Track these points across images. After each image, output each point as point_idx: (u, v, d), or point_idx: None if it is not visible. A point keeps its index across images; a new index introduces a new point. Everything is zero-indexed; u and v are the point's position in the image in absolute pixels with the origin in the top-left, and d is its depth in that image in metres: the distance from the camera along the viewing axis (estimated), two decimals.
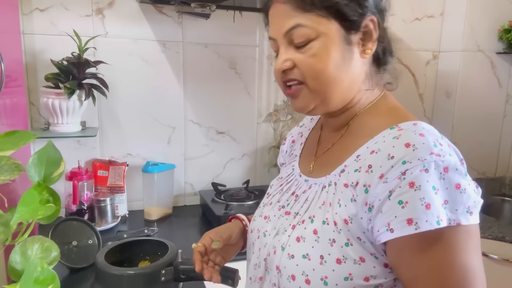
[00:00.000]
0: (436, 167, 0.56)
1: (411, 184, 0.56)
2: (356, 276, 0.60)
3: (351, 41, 0.65)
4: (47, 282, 0.62)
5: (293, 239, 0.66)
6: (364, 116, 0.71)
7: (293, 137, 0.91)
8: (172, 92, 1.71)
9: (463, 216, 0.56)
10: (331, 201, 0.65)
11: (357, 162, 0.65)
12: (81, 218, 1.28)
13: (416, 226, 0.55)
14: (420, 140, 0.59)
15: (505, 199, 2.08)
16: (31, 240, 0.67)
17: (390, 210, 0.57)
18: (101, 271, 0.95)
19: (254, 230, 0.78)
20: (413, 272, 0.58)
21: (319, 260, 0.62)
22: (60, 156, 0.75)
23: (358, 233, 0.61)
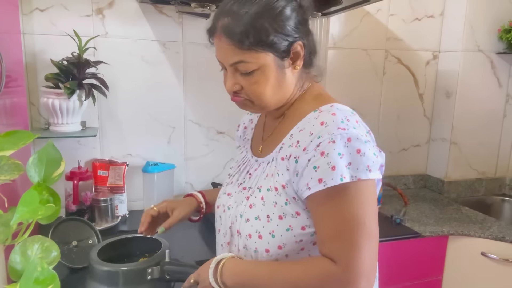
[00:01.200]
0: (341, 138, 0.73)
1: (322, 153, 0.73)
2: (295, 226, 0.79)
3: (283, 66, 0.81)
4: (47, 282, 0.62)
5: (247, 207, 0.84)
6: (295, 104, 0.88)
7: (245, 124, 1.08)
8: (172, 92, 1.71)
9: (363, 173, 0.72)
10: (273, 172, 0.83)
11: (290, 139, 0.82)
12: (81, 218, 1.28)
13: (324, 183, 0.72)
14: (331, 118, 0.76)
15: (505, 199, 2.08)
16: (31, 240, 0.67)
17: (308, 174, 0.74)
18: (92, 266, 0.96)
19: (220, 206, 0.94)
20: (318, 220, 0.76)
21: (266, 219, 0.80)
22: (60, 156, 0.75)
23: (292, 194, 0.78)
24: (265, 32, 0.76)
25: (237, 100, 0.86)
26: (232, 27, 0.77)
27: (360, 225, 0.72)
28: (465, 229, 1.59)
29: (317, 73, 0.91)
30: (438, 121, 2.11)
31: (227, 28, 0.77)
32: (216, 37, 0.80)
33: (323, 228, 0.75)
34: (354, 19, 1.91)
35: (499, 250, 1.53)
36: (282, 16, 0.78)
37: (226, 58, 0.81)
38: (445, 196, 2.03)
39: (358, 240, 0.71)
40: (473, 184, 2.09)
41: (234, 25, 0.77)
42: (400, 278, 1.59)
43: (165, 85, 1.70)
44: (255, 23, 0.76)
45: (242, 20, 0.76)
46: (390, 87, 2.04)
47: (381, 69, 2.01)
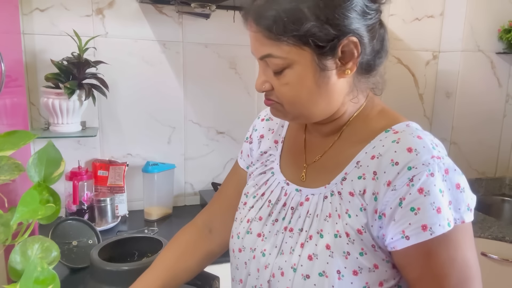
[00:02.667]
0: (439, 170, 0.58)
1: (420, 190, 0.57)
2: (372, 283, 0.62)
3: (326, 67, 0.62)
4: (47, 282, 0.62)
5: (305, 258, 0.64)
6: (355, 122, 0.70)
7: (260, 133, 0.84)
8: (172, 92, 1.71)
9: (465, 214, 0.60)
10: (339, 212, 0.64)
11: (358, 169, 0.64)
12: (81, 218, 1.28)
13: (431, 231, 0.57)
14: (420, 143, 0.60)
15: (505, 199, 2.08)
16: (31, 240, 0.67)
17: (404, 217, 0.58)
18: (93, 266, 0.96)
19: (245, 249, 0.73)
20: (420, 271, 0.60)
21: (336, 276, 0.61)
22: (60, 156, 0.75)
23: (371, 242, 0.62)
24: (301, 19, 0.59)
25: (268, 104, 0.69)
26: (263, 10, 0.61)
27: (473, 275, 0.60)
28: None
29: (376, 83, 0.72)
30: (438, 121, 2.11)
31: (258, 12, 0.62)
32: (248, 22, 0.65)
33: (432, 284, 0.60)
34: None
35: (499, 250, 1.52)
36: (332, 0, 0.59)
37: (255, 50, 0.66)
38: None
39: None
40: (473, 184, 2.09)
41: (267, 8, 0.61)
42: None
43: (165, 85, 1.70)
44: (291, 7, 0.59)
45: (277, 2, 0.60)
46: (390, 87, 2.03)
47: None
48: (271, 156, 0.79)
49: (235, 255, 0.75)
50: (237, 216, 0.79)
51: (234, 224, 0.79)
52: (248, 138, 0.87)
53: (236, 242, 0.75)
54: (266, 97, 0.69)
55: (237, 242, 0.75)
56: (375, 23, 0.65)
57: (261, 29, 0.62)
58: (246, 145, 0.87)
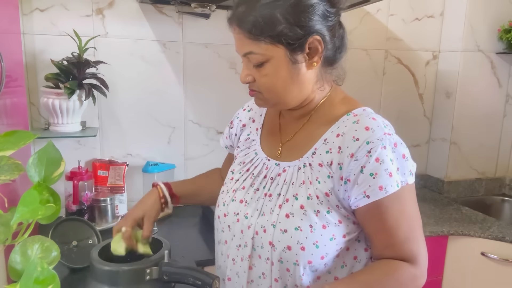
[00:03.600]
0: (389, 143, 0.74)
1: (377, 160, 0.73)
2: (337, 235, 0.77)
3: (296, 60, 0.76)
4: (47, 282, 0.62)
5: (283, 216, 0.78)
6: (322, 108, 0.84)
7: (242, 121, 1.00)
8: (172, 92, 1.71)
9: (409, 178, 0.76)
10: (310, 179, 0.79)
11: (325, 144, 0.79)
12: (81, 218, 1.28)
13: (385, 190, 0.73)
14: (374, 123, 0.76)
15: (505, 199, 2.08)
16: (31, 240, 0.67)
17: (364, 181, 0.73)
18: (93, 266, 0.96)
19: (229, 214, 0.86)
20: (375, 227, 0.76)
21: (309, 229, 0.76)
22: (60, 156, 0.75)
23: (336, 202, 0.77)
24: (274, 23, 0.73)
25: (251, 94, 0.84)
26: (244, 16, 0.75)
27: (417, 222, 0.78)
28: (465, 229, 1.59)
29: (339, 76, 0.87)
30: (438, 121, 2.11)
31: (240, 17, 0.76)
32: (232, 26, 0.79)
33: (388, 233, 0.75)
34: (354, 19, 1.91)
35: (499, 250, 1.53)
36: (298, 6, 0.73)
37: (239, 48, 0.80)
38: (445, 196, 2.03)
39: (419, 236, 0.77)
40: (473, 184, 2.09)
41: (246, 14, 0.75)
42: None
43: (165, 85, 1.70)
44: (266, 13, 0.73)
45: (254, 9, 0.74)
46: (390, 87, 2.04)
47: (381, 69, 2.01)
48: (253, 141, 0.94)
49: (220, 220, 0.89)
50: (223, 189, 0.93)
51: (220, 195, 0.93)
52: (230, 123, 1.04)
53: (222, 209, 0.89)
54: (249, 88, 0.83)
55: (222, 209, 0.89)
56: (335, 24, 0.79)
57: (243, 31, 0.76)
58: (227, 129, 1.04)
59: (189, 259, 1.24)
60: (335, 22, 0.79)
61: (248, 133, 0.97)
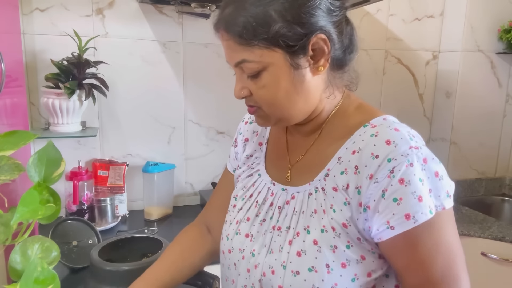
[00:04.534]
0: (417, 159, 0.60)
1: (401, 181, 0.59)
2: (361, 274, 0.63)
3: (299, 65, 0.64)
4: (47, 282, 0.62)
5: (293, 254, 0.65)
6: (334, 120, 0.71)
7: (245, 136, 0.86)
8: (172, 92, 1.71)
9: (445, 201, 0.61)
10: (324, 208, 0.65)
11: (340, 164, 0.66)
12: (81, 218, 1.28)
13: (414, 219, 0.58)
14: (397, 135, 0.62)
15: (505, 199, 2.08)
16: (31, 240, 0.67)
17: (387, 208, 0.60)
18: (93, 266, 0.96)
19: (234, 250, 0.74)
20: (407, 259, 0.62)
21: (325, 270, 0.62)
22: (60, 156, 0.75)
23: (356, 234, 0.63)
24: (269, 22, 0.60)
25: (251, 112, 0.71)
26: (232, 18, 0.63)
27: (458, 258, 0.62)
28: (465, 229, 1.58)
29: (350, 79, 0.73)
30: (438, 121, 2.11)
31: (227, 20, 0.64)
32: (219, 32, 0.66)
33: (420, 270, 0.61)
34: (354, 19, 1.89)
35: (499, 250, 1.52)
36: (296, 1, 0.61)
37: (229, 57, 0.67)
38: None
39: (460, 274, 0.62)
40: (473, 184, 2.09)
41: (235, 16, 0.62)
42: None
43: (165, 85, 1.70)
44: (258, 11, 0.61)
45: (243, 8, 0.62)
46: (390, 87, 2.04)
47: (381, 69, 2.01)
48: (256, 158, 0.81)
49: (225, 256, 0.77)
50: (227, 219, 0.80)
51: (224, 226, 0.80)
52: (234, 142, 0.90)
53: (226, 243, 0.76)
54: (246, 103, 0.71)
55: (227, 244, 0.76)
56: (341, 19, 0.67)
57: (232, 36, 0.63)
58: (232, 149, 0.90)
59: None
60: (342, 17, 0.67)
61: (252, 151, 0.83)
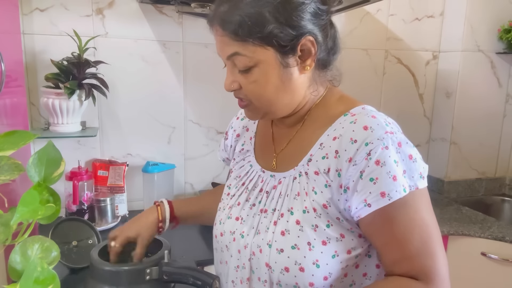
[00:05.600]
0: (392, 143, 0.65)
1: (377, 162, 0.64)
2: (340, 251, 0.68)
3: (288, 64, 0.69)
4: (47, 282, 0.62)
5: (278, 234, 0.70)
6: (316, 110, 0.77)
7: (236, 132, 0.93)
8: (172, 92, 1.71)
9: (419, 181, 0.66)
10: (306, 190, 0.71)
11: (321, 149, 0.71)
12: (81, 218, 1.28)
13: (389, 197, 0.63)
14: (374, 121, 0.67)
15: (505, 199, 2.08)
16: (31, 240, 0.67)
17: (364, 188, 0.64)
18: (93, 266, 0.96)
19: (226, 233, 0.80)
20: (384, 239, 0.67)
21: (307, 247, 0.67)
22: (60, 156, 0.75)
23: (336, 214, 0.68)
24: (263, 22, 0.65)
25: (241, 106, 0.76)
26: (227, 16, 0.68)
27: (433, 234, 0.66)
28: (465, 229, 1.59)
29: (334, 76, 0.79)
30: (438, 121, 2.11)
31: (222, 17, 0.68)
32: (213, 27, 0.71)
33: (397, 246, 0.65)
34: (354, 19, 1.91)
35: (499, 250, 1.52)
36: (288, 4, 0.66)
37: (222, 50, 0.72)
38: (445, 196, 2.03)
39: (436, 250, 0.65)
40: (473, 184, 2.09)
41: (230, 14, 0.67)
42: None
43: (165, 85, 1.70)
44: (253, 11, 0.66)
45: (239, 8, 0.66)
46: (390, 87, 2.04)
47: (381, 69, 2.01)
48: (248, 151, 0.88)
49: (218, 239, 0.83)
50: (220, 206, 0.87)
51: (218, 212, 0.86)
52: (225, 134, 0.98)
53: (218, 227, 0.82)
54: (235, 96, 0.76)
55: (219, 228, 0.82)
56: (327, 23, 0.72)
57: (227, 33, 0.68)
58: (223, 141, 0.99)
59: (189, 259, 1.24)
60: (327, 21, 0.72)
61: (243, 143, 0.90)
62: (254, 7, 0.66)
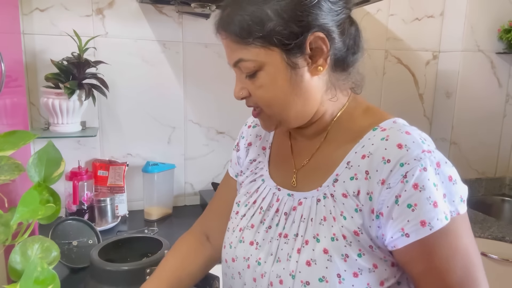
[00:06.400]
0: (431, 164, 0.58)
1: (415, 186, 0.57)
2: (373, 283, 0.61)
3: (296, 65, 0.63)
4: (47, 282, 0.62)
5: (303, 264, 0.63)
6: (340, 122, 0.70)
7: (248, 140, 0.84)
8: (172, 92, 1.71)
9: (460, 206, 0.59)
10: (334, 215, 0.63)
11: (349, 169, 0.64)
12: (81, 218, 1.28)
13: (430, 226, 0.57)
14: (409, 138, 0.60)
15: (505, 199, 2.08)
16: (31, 240, 0.67)
17: (401, 215, 0.58)
18: (93, 266, 0.96)
19: (238, 259, 0.71)
20: (424, 266, 0.60)
21: (337, 280, 0.60)
22: (60, 156, 0.75)
23: (368, 242, 0.61)
24: (264, 20, 0.60)
25: (254, 115, 0.71)
26: (230, 17, 0.63)
27: (476, 261, 0.60)
28: None
29: (355, 81, 0.71)
30: (438, 121, 2.11)
31: (226, 20, 0.64)
32: (219, 32, 0.66)
33: (438, 277, 0.59)
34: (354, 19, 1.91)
35: (499, 250, 1.52)
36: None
37: (229, 57, 0.67)
38: None
39: (478, 277, 0.60)
40: (473, 184, 2.09)
41: (233, 15, 0.63)
42: None
43: (165, 85, 1.70)
44: (254, 10, 0.61)
45: (241, 8, 0.62)
46: (390, 87, 2.04)
47: (381, 69, 2.01)
48: (260, 163, 0.79)
49: (228, 265, 0.74)
50: (229, 226, 0.78)
51: (226, 234, 0.78)
52: (236, 146, 0.88)
53: (229, 252, 0.74)
54: (247, 104, 0.71)
55: (230, 252, 0.74)
56: (343, 18, 0.66)
57: (229, 34, 0.64)
58: (234, 153, 0.88)
59: None
60: (344, 16, 0.66)
61: (255, 155, 0.81)
62: (256, 5, 0.61)
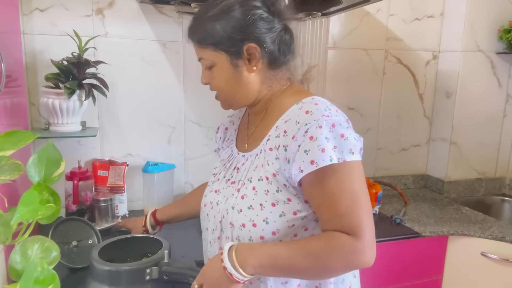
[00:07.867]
0: (326, 124, 0.79)
1: (311, 138, 0.78)
2: (287, 212, 0.83)
3: (237, 65, 0.88)
4: (47, 282, 0.62)
5: (239, 198, 0.87)
6: (275, 101, 0.93)
7: (225, 125, 1.13)
8: (172, 92, 1.71)
9: (347, 155, 0.78)
10: (262, 163, 0.87)
11: (276, 130, 0.87)
12: (81, 218, 1.28)
13: (316, 164, 0.77)
14: (314, 107, 0.82)
15: (505, 199, 2.08)
16: (31, 240, 0.68)
17: (300, 158, 0.79)
18: (93, 266, 0.96)
19: (207, 204, 0.97)
20: (318, 201, 0.80)
21: (259, 207, 0.84)
22: (60, 156, 0.75)
23: (283, 181, 0.83)
24: (214, 33, 0.86)
25: (215, 97, 0.97)
26: (194, 29, 0.90)
27: (360, 201, 0.78)
28: (465, 229, 1.59)
29: (291, 74, 0.96)
30: (438, 121, 2.11)
31: (191, 31, 0.91)
32: (188, 38, 0.93)
33: (327, 207, 0.79)
34: (354, 19, 1.91)
35: (499, 250, 1.53)
36: (234, 18, 0.85)
37: (196, 54, 0.93)
38: (445, 196, 2.03)
39: (361, 214, 0.77)
40: (473, 184, 2.09)
41: (195, 28, 0.90)
42: (400, 278, 1.59)
43: (165, 85, 1.70)
44: (209, 25, 0.87)
45: (201, 22, 0.89)
46: (390, 87, 2.04)
47: (381, 69, 2.01)
48: (231, 141, 1.06)
49: (202, 210, 1.00)
50: (208, 183, 1.05)
51: (206, 189, 1.03)
52: (217, 129, 1.17)
53: (203, 200, 1.01)
54: (210, 89, 0.95)
55: (204, 200, 1.01)
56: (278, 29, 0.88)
57: (193, 41, 0.91)
58: (216, 134, 1.17)
59: (189, 259, 1.24)
60: (279, 27, 0.88)
61: (229, 135, 1.09)
62: (210, 22, 0.87)
